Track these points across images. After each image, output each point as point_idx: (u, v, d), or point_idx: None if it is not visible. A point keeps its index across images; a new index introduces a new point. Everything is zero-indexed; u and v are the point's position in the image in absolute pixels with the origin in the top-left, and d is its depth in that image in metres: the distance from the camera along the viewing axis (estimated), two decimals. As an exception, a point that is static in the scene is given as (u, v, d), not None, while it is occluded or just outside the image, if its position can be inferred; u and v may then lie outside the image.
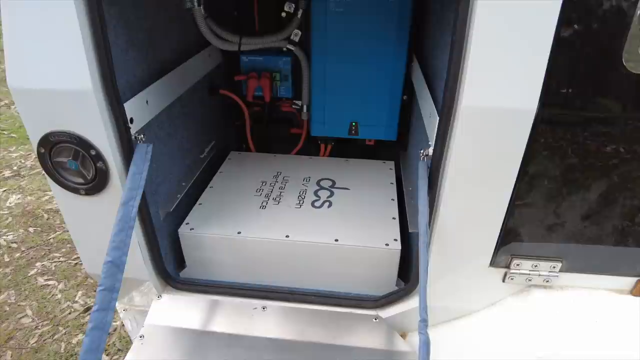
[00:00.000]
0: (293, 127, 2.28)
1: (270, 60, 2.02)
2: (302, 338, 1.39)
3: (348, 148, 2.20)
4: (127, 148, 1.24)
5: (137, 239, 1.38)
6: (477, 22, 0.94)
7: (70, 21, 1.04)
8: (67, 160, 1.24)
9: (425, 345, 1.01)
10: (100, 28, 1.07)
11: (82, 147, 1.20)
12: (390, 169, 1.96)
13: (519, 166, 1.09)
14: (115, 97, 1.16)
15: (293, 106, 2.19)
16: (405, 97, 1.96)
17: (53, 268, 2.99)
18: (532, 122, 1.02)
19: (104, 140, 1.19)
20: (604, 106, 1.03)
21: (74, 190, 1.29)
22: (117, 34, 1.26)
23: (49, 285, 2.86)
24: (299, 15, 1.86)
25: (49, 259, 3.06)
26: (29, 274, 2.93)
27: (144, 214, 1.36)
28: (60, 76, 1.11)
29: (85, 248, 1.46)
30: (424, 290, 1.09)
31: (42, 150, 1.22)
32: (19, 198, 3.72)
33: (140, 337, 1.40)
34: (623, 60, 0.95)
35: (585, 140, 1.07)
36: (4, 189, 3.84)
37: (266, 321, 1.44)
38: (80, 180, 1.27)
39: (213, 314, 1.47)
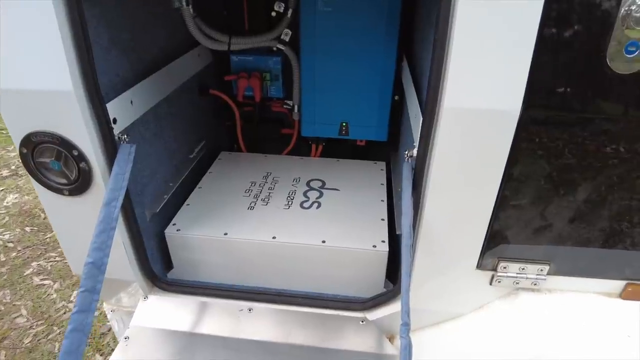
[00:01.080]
0: (284, 127, 2.26)
1: (260, 60, 2.01)
2: (288, 340, 1.38)
3: (339, 148, 2.18)
4: (111, 148, 1.24)
5: (122, 239, 1.37)
6: (459, 21, 0.92)
7: (50, 20, 1.03)
8: (50, 160, 1.23)
9: (407, 349, 1.00)
10: (81, 27, 1.06)
11: (64, 148, 1.19)
12: (382, 169, 1.95)
13: (503, 168, 1.07)
14: (97, 97, 1.15)
15: (284, 106, 2.18)
16: (396, 97, 1.95)
17: (49, 268, 3.00)
18: (515, 123, 1.01)
19: (87, 141, 1.18)
20: (588, 107, 1.01)
21: (58, 191, 1.28)
22: (99, 33, 1.25)
23: (44, 284, 2.87)
24: (289, 15, 1.85)
25: (45, 259, 3.07)
26: (25, 274, 2.94)
27: (129, 214, 1.35)
28: (40, 76, 1.10)
29: (71, 248, 1.45)
30: (407, 293, 1.07)
31: (25, 151, 1.22)
32: (16, 197, 3.73)
33: (125, 338, 1.39)
34: (607, 60, 0.93)
35: (571, 141, 1.05)
36: (2, 188, 3.86)
37: (252, 323, 1.43)
38: (64, 181, 1.26)
39: (199, 315, 1.46)
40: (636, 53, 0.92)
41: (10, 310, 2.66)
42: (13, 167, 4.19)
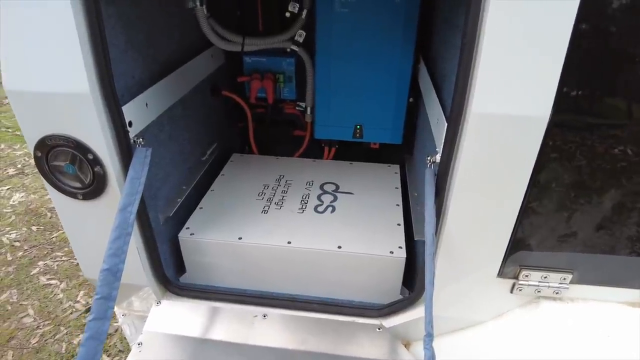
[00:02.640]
0: (296, 129, 2.24)
1: (273, 61, 1.99)
2: (303, 347, 1.36)
3: (352, 151, 2.16)
4: (126, 152, 1.22)
5: (136, 244, 1.35)
6: (489, 24, 0.90)
7: (67, 22, 1.01)
8: (65, 164, 1.21)
9: (430, 361, 0.98)
10: (98, 28, 1.05)
11: (79, 151, 1.18)
12: (396, 173, 1.93)
13: (529, 174, 1.05)
14: (113, 100, 1.14)
15: (297, 108, 2.16)
16: (411, 100, 1.92)
17: (55, 267, 2.99)
18: (544, 129, 0.98)
19: (102, 145, 1.16)
20: (620, 112, 0.98)
21: (72, 195, 1.26)
22: (115, 34, 1.23)
23: (51, 284, 2.86)
24: (303, 16, 1.82)
25: (52, 258, 3.06)
26: (31, 273, 2.93)
27: (143, 218, 1.34)
28: (56, 79, 1.08)
29: (83, 253, 1.43)
30: (430, 302, 1.05)
31: (39, 154, 1.20)
32: (22, 196, 3.73)
33: (139, 344, 1.37)
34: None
35: (600, 147, 1.03)
36: (8, 186, 3.86)
37: (266, 329, 1.41)
38: (78, 185, 1.25)
39: (212, 321, 1.44)
40: (672, 59, 0.89)
41: (17, 309, 2.65)
42: (19, 166, 4.18)
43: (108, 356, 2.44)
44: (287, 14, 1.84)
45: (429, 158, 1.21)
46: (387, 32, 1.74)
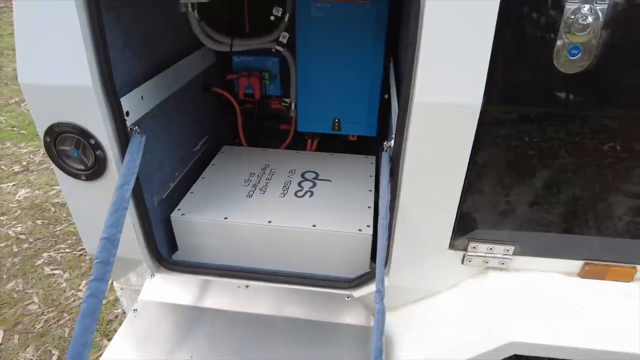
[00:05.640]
0: (282, 123, 2.41)
1: (260, 61, 2.17)
2: (280, 314, 1.51)
3: (334, 143, 2.33)
4: (123, 138, 1.38)
5: (132, 221, 1.51)
6: (426, 23, 1.04)
7: (74, 26, 1.19)
8: (70, 148, 1.38)
9: (380, 313, 1.14)
10: (100, 32, 1.22)
11: (83, 137, 1.34)
12: (371, 163, 2.09)
13: (468, 157, 1.20)
14: (112, 93, 1.30)
15: (282, 103, 2.33)
16: (386, 96, 2.09)
17: (59, 258, 3.11)
18: (477, 116, 1.13)
19: (102, 131, 1.33)
20: (541, 102, 1.14)
21: (76, 176, 1.43)
22: (114, 37, 1.40)
23: (54, 274, 2.98)
24: (286, 19, 2.00)
25: (55, 250, 3.18)
26: (36, 264, 3.05)
27: (139, 198, 1.50)
28: (64, 73, 1.25)
29: (86, 230, 1.59)
30: (381, 264, 1.21)
31: (48, 139, 1.37)
32: (27, 192, 3.84)
33: (134, 310, 1.54)
34: (554, 60, 1.07)
35: (527, 133, 1.17)
36: (14, 183, 3.97)
37: (249, 298, 1.57)
38: (82, 167, 1.41)
39: (201, 291, 1.60)
40: (578, 55, 1.06)
41: (22, 297, 2.78)
42: (24, 163, 4.30)
43: (109, 340, 2.56)
44: (272, 18, 2.01)
45: (385, 143, 1.37)
46: (359, 35, 1.91)
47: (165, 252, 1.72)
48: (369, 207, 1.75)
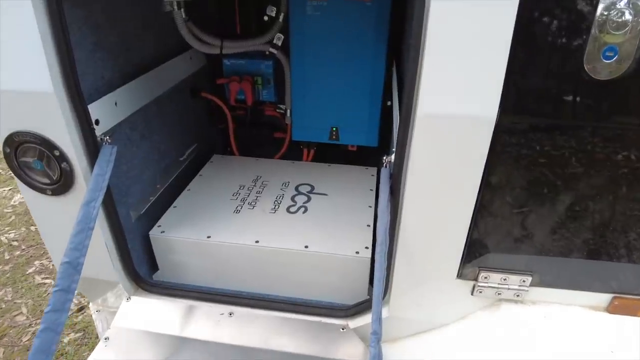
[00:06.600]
0: (277, 131, 2.27)
1: (252, 64, 2.03)
2: (267, 346, 1.36)
3: (332, 153, 2.17)
4: (92, 149, 1.25)
5: (105, 239, 1.38)
6: (431, 24, 0.91)
7: (29, 23, 1.05)
8: (33, 160, 1.25)
9: (375, 358, 0.98)
10: (62, 29, 1.08)
11: (46, 148, 1.21)
12: (372, 175, 1.93)
13: (481, 175, 1.05)
14: (78, 99, 1.17)
15: (277, 110, 2.18)
16: (389, 103, 1.93)
17: (51, 267, 3.03)
18: (492, 129, 0.98)
19: (68, 142, 1.20)
20: (566, 112, 0.98)
21: (41, 190, 1.30)
22: (84, 36, 1.27)
23: (45, 283, 2.90)
24: (280, 19, 1.85)
25: (47, 258, 3.10)
26: (27, 272, 2.97)
27: (112, 215, 1.36)
28: (21, 77, 1.12)
29: (55, 247, 1.47)
30: (378, 301, 1.05)
31: (7, 150, 1.24)
32: (22, 197, 3.80)
33: (105, 339, 1.40)
34: (584, 64, 0.91)
35: (550, 148, 1.02)
36: (9, 187, 3.94)
37: (232, 328, 1.42)
38: (46, 181, 1.28)
39: (180, 318, 1.46)
40: (614, 58, 0.89)
41: (11, 308, 2.69)
42: (22, 167, 4.27)
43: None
44: (266, 18, 1.87)
45: (384, 158, 1.22)
46: (359, 36, 1.76)
47: (145, 270, 1.58)
48: (368, 226, 1.59)
